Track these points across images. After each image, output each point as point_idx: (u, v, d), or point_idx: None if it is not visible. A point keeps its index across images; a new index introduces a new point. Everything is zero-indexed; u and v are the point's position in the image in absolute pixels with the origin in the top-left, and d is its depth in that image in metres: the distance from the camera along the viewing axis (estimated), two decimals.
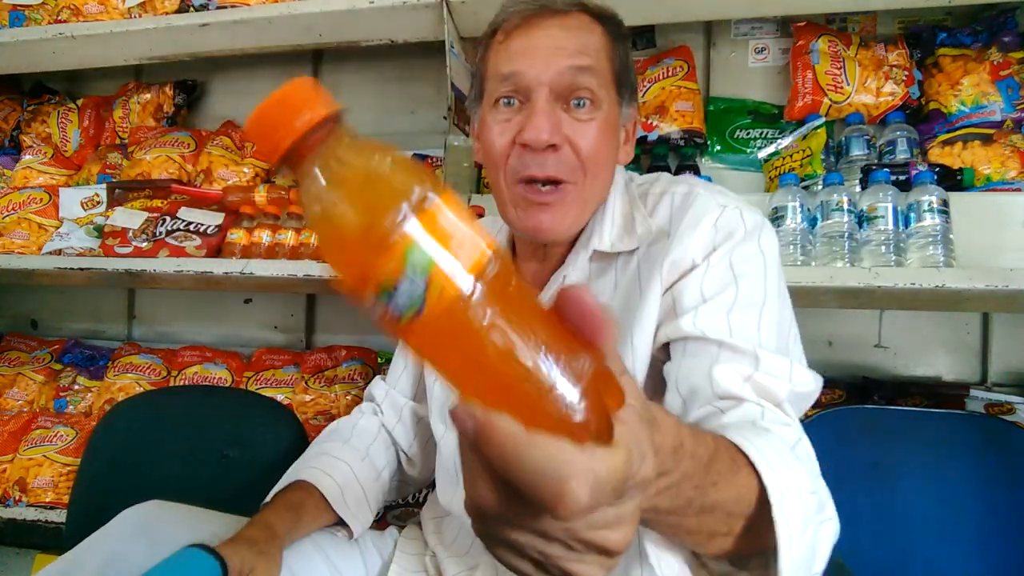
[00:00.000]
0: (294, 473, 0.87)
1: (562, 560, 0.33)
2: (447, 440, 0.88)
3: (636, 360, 0.70)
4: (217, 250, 1.53)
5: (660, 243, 0.73)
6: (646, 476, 0.33)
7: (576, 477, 0.29)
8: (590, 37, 0.73)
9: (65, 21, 1.65)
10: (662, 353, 0.71)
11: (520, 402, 0.29)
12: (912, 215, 1.15)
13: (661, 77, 1.51)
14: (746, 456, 0.50)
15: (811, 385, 0.65)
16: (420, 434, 0.99)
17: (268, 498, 0.84)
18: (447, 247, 0.28)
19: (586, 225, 0.79)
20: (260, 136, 0.30)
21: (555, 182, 0.72)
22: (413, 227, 0.27)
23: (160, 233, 1.55)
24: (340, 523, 0.85)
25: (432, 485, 0.95)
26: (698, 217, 0.70)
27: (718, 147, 1.53)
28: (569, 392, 0.30)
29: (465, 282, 0.28)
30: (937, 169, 1.23)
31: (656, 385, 0.70)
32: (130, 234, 1.57)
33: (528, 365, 0.29)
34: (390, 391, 1.00)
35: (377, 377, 1.06)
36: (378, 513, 0.93)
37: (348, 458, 0.90)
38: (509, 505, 0.31)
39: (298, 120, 0.28)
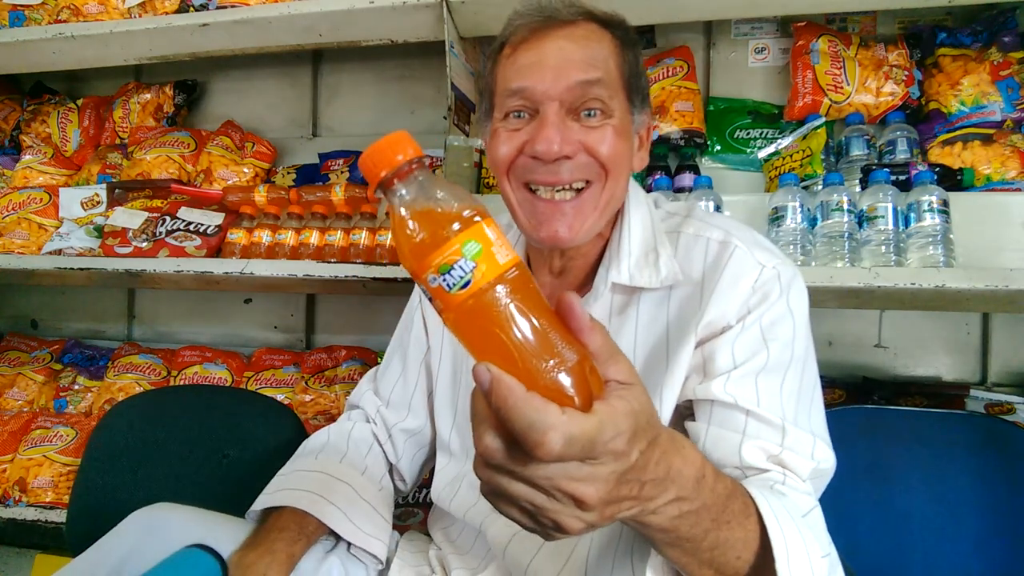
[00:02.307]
0: (288, 491, 0.82)
1: (547, 511, 0.42)
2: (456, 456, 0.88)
3: (663, 412, 0.70)
4: (217, 250, 1.53)
5: (691, 295, 0.72)
6: (618, 449, 0.41)
7: (555, 429, 0.38)
8: (599, 46, 0.72)
9: (65, 21, 1.65)
10: (686, 406, 0.72)
11: (523, 368, 0.40)
12: (912, 215, 1.15)
13: (661, 77, 1.51)
14: (756, 505, 0.55)
15: (830, 462, 0.67)
16: (409, 452, 0.96)
17: (259, 511, 0.81)
18: (490, 246, 0.40)
19: (606, 245, 0.78)
20: (367, 166, 0.43)
21: (574, 188, 0.71)
22: (469, 229, 0.40)
23: (160, 233, 1.55)
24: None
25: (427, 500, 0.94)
26: (736, 277, 0.69)
27: (718, 147, 1.53)
28: (559, 368, 0.40)
29: (500, 270, 0.40)
30: (937, 169, 1.23)
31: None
32: (130, 234, 1.57)
33: (532, 341, 0.40)
34: (381, 408, 0.97)
35: (364, 384, 1.02)
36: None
37: (348, 477, 0.86)
38: (506, 449, 0.40)
39: (397, 155, 0.42)
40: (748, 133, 1.52)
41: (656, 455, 0.45)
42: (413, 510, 1.41)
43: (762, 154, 1.47)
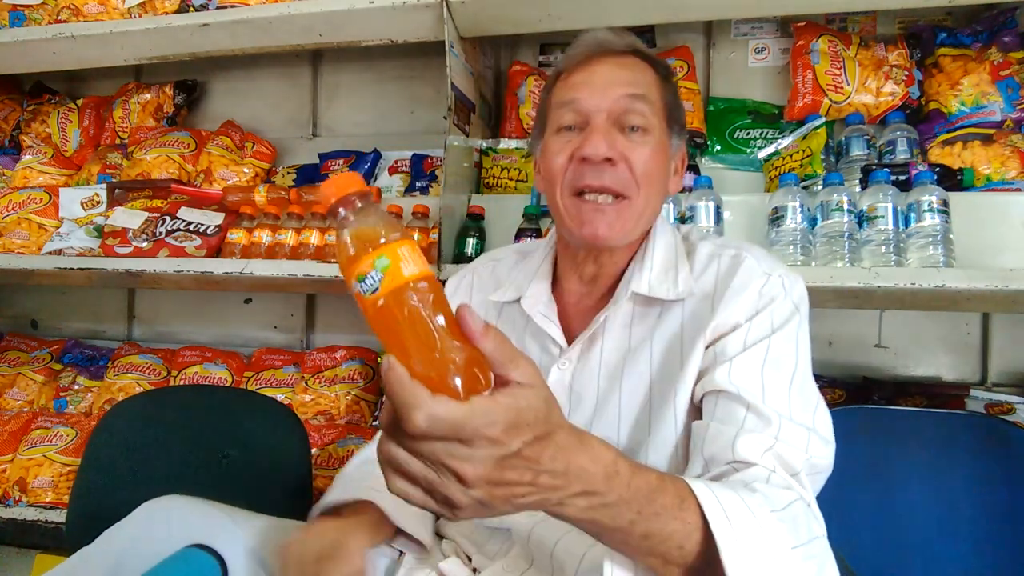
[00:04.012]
0: (346, 489, 0.82)
1: (437, 485, 0.47)
2: None
3: (678, 414, 0.76)
4: (217, 250, 1.53)
5: (703, 303, 0.79)
6: (492, 435, 0.46)
7: (419, 409, 0.44)
8: (643, 74, 0.82)
9: (65, 21, 1.66)
10: (696, 410, 0.76)
11: (415, 360, 0.47)
12: (912, 215, 1.15)
13: None
14: (697, 499, 0.56)
15: (826, 459, 0.71)
16: None
17: (321, 508, 0.81)
18: (398, 262, 0.49)
19: (631, 260, 0.85)
20: (326, 192, 0.51)
21: (613, 194, 0.79)
22: (386, 247, 0.49)
23: (160, 233, 1.55)
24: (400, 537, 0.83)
25: None
26: (744, 283, 0.77)
27: (718, 147, 1.53)
28: (446, 363, 0.47)
29: (403, 281, 0.48)
30: (937, 169, 1.23)
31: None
32: (130, 234, 1.57)
33: (426, 340, 0.48)
34: None
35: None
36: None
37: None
38: (393, 423, 0.47)
39: (346, 189, 0.51)
40: (748, 133, 1.52)
41: (550, 451, 0.49)
42: None
43: (762, 154, 1.47)
